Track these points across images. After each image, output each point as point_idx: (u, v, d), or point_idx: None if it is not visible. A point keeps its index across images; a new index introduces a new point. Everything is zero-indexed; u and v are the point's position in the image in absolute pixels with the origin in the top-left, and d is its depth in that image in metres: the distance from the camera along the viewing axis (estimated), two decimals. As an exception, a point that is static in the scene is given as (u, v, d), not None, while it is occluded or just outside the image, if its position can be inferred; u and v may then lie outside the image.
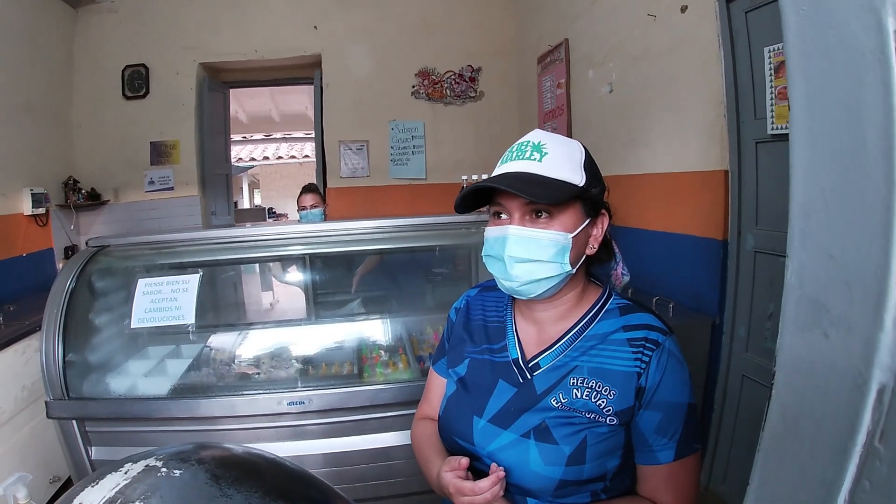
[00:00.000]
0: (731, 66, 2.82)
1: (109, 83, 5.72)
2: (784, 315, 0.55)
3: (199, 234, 2.67)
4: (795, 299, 0.54)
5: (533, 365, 1.17)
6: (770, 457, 0.58)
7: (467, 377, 1.25)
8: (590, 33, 4.32)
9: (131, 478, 0.52)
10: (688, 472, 1.10)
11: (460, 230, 2.64)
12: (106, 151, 5.74)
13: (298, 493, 0.58)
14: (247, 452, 0.62)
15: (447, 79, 6.12)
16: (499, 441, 1.13)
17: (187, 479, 0.52)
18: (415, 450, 1.37)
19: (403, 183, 6.15)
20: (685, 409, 1.09)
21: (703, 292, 3.10)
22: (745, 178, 2.80)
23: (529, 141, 1.13)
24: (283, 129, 13.37)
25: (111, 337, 2.52)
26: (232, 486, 0.52)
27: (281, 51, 5.96)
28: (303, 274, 2.85)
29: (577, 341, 1.15)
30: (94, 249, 2.46)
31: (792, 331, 0.55)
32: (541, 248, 1.08)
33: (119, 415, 2.19)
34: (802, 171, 0.53)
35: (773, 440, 0.57)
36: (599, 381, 1.09)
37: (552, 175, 1.07)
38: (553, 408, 1.10)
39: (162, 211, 5.82)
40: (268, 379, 2.48)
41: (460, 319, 1.36)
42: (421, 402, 1.44)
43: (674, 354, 1.10)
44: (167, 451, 0.57)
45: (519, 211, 1.10)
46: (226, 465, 0.55)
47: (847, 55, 0.46)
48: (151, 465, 0.54)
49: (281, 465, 0.62)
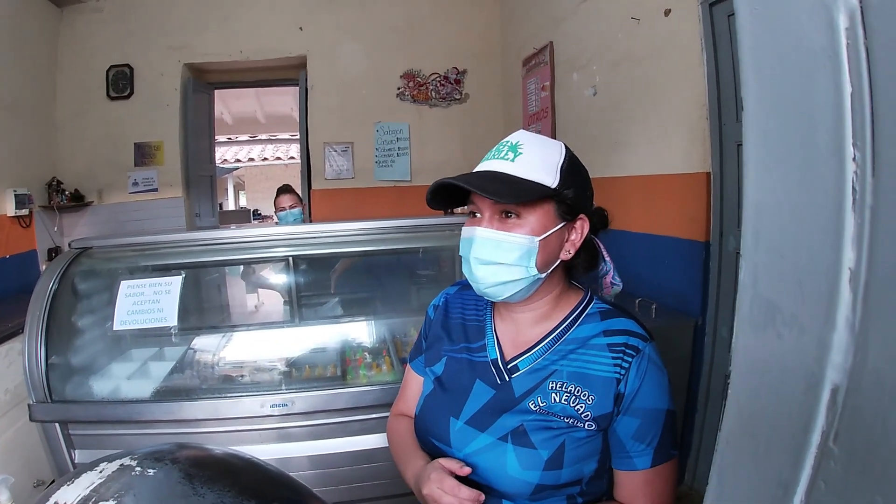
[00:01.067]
0: (714, 68, 2.84)
1: (94, 83, 5.69)
2: (738, 315, 0.55)
3: (183, 235, 2.65)
4: (749, 299, 0.54)
5: (512, 367, 1.15)
6: (727, 457, 0.58)
7: (444, 376, 1.24)
8: (574, 36, 4.34)
9: (106, 476, 0.52)
10: (664, 478, 1.10)
11: (444, 232, 2.64)
12: (90, 152, 5.70)
13: (272, 493, 0.58)
14: (223, 453, 0.63)
15: (432, 81, 6.13)
16: (476, 443, 1.11)
17: (161, 478, 0.52)
18: (392, 446, 1.35)
19: (388, 185, 6.15)
20: (664, 416, 1.08)
21: (685, 293, 3.12)
22: (727, 180, 2.82)
23: (508, 141, 1.12)
24: (269, 130, 13.28)
25: (94, 339, 2.50)
26: (205, 486, 0.52)
27: (266, 52, 5.95)
28: (286, 276, 2.83)
29: (557, 345, 1.13)
30: (77, 251, 2.44)
31: (746, 331, 0.55)
32: (503, 251, 1.06)
33: (102, 418, 2.18)
34: (754, 171, 0.52)
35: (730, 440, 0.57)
36: (578, 386, 1.08)
37: (522, 175, 1.05)
38: (531, 411, 1.09)
39: (146, 212, 5.78)
40: (251, 381, 2.46)
41: (438, 317, 1.34)
42: (397, 399, 1.43)
43: (654, 361, 1.09)
44: (143, 451, 0.58)
45: (489, 210, 1.08)
46: (200, 464, 0.56)
47: (799, 54, 0.46)
48: (126, 464, 0.54)
49: (256, 465, 0.63)
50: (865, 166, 0.42)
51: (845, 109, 0.43)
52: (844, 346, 0.44)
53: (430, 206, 1.18)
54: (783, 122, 0.49)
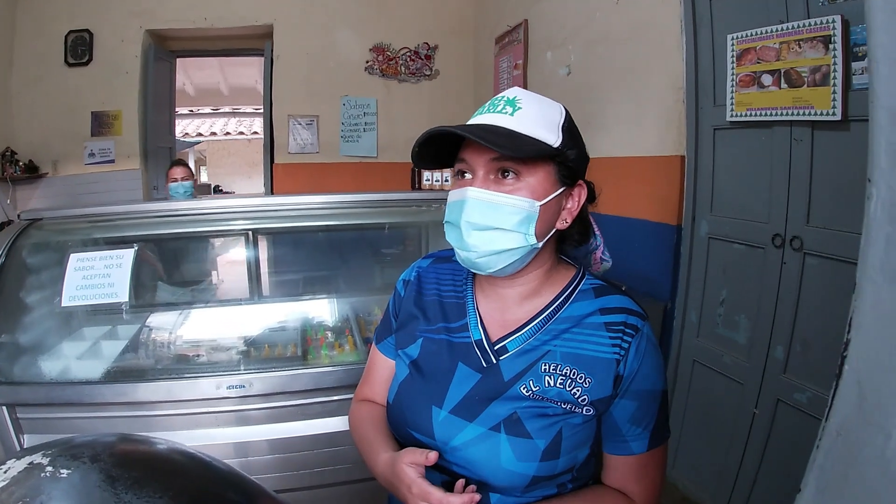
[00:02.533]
0: (693, 52, 2.81)
1: (52, 49, 5.48)
2: (865, 262, 0.43)
3: (137, 207, 2.54)
4: (884, 238, 0.41)
5: (499, 348, 1.05)
6: (837, 452, 0.45)
7: (421, 360, 1.12)
8: (550, 14, 4.29)
9: (10, 479, 0.43)
10: (658, 461, 1.05)
11: (411, 208, 2.57)
12: (46, 121, 5.51)
13: (215, 496, 0.49)
14: (161, 448, 0.53)
15: (402, 56, 6.03)
16: (464, 435, 1.01)
17: (75, 482, 0.43)
18: (354, 433, 1.24)
19: (354, 161, 6.05)
20: (659, 397, 1.03)
21: (655, 277, 3.10)
22: (702, 164, 2.80)
23: (504, 96, 1.03)
24: (232, 103, 13.04)
25: (44, 317, 2.37)
26: (130, 490, 0.43)
27: (231, 19, 5.78)
28: (246, 251, 2.72)
29: (549, 323, 1.04)
30: (25, 222, 2.33)
31: (878, 282, 0.42)
32: (503, 214, 0.96)
33: (51, 400, 2.06)
34: (889, 69, 0.41)
35: (844, 432, 0.45)
36: (574, 368, 1.00)
37: (523, 131, 0.96)
38: (524, 397, 1.00)
39: (102, 185, 5.60)
40: (208, 361, 2.37)
41: (410, 293, 1.21)
42: (361, 383, 1.30)
43: (651, 340, 1.03)
44: (60, 445, 0.48)
45: (484, 168, 0.98)
46: (126, 463, 0.46)
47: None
48: (36, 462, 0.45)
49: (199, 462, 0.53)
50: None
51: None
52: None
53: (414, 162, 1.06)
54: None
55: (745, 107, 2.46)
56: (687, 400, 2.93)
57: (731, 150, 2.64)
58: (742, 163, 2.57)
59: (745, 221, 2.55)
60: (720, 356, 2.69)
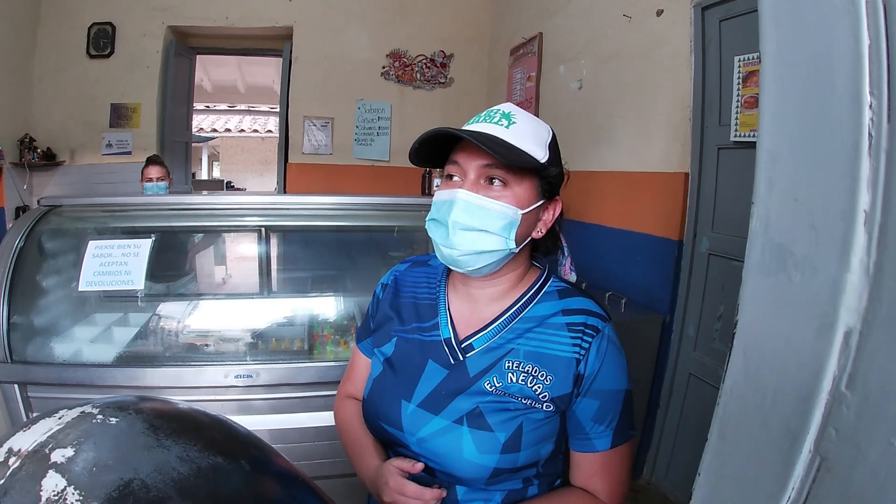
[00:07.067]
0: (701, 72, 2.86)
1: (74, 40, 5.55)
2: (748, 262, 0.55)
3: (155, 199, 2.61)
4: (760, 245, 0.53)
5: (466, 346, 1.11)
6: (730, 408, 0.56)
7: (394, 357, 1.19)
8: (564, 29, 4.34)
9: (65, 423, 0.50)
10: (622, 459, 1.09)
11: (420, 212, 2.62)
12: (65, 110, 5.58)
13: (238, 450, 0.56)
14: (189, 408, 0.61)
15: (418, 62, 6.08)
16: (429, 427, 1.08)
17: (123, 428, 0.50)
18: (340, 430, 1.31)
19: (366, 163, 6.10)
20: (622, 396, 1.08)
21: (655, 290, 3.15)
22: (705, 181, 2.85)
23: (500, 109, 1.09)
24: (248, 101, 13.10)
25: (59, 300, 2.44)
26: (170, 438, 0.50)
27: (252, 19, 5.85)
28: (258, 247, 2.79)
29: (514, 323, 1.10)
30: (45, 208, 2.39)
31: (756, 276, 0.54)
32: (489, 217, 1.02)
33: (62, 380, 2.13)
34: (770, 119, 0.52)
35: (734, 392, 0.56)
36: (536, 366, 1.05)
37: (516, 143, 1.02)
38: (487, 392, 1.05)
39: (118, 175, 5.65)
40: (216, 351, 2.42)
41: (387, 296, 1.28)
42: (343, 380, 1.37)
43: (612, 341, 1.08)
44: (105, 400, 0.55)
45: (475, 172, 1.04)
46: (165, 416, 0.54)
47: (819, 6, 0.47)
48: (87, 412, 0.52)
49: (222, 422, 0.61)
50: (881, 113, 0.42)
51: (863, 60, 0.43)
52: (858, 288, 0.43)
53: (412, 160, 1.14)
54: (801, 72, 0.49)
55: (749, 127, 2.52)
56: (682, 412, 2.98)
57: (734, 170, 2.70)
58: (744, 182, 2.62)
59: (744, 239, 2.58)
60: (715, 370, 2.73)
